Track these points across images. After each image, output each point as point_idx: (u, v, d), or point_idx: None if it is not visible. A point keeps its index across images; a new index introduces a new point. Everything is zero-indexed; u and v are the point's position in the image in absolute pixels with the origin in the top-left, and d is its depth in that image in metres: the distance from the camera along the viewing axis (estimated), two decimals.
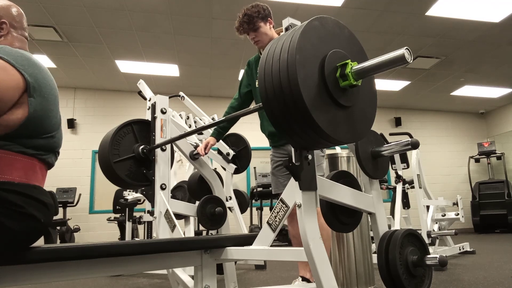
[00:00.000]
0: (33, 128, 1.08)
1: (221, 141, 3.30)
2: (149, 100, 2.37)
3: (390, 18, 4.82)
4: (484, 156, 8.02)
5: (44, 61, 5.85)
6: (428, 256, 1.20)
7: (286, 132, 1.00)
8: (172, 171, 2.33)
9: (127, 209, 4.45)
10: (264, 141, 2.65)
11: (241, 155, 3.23)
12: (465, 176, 8.17)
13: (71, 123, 6.81)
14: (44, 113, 1.12)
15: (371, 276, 2.26)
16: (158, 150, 2.05)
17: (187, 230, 2.82)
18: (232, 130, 3.71)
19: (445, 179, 8.34)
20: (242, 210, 3.59)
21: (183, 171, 4.69)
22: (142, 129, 2.09)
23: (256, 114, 1.84)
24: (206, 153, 2.23)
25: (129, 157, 1.99)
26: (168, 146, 2.09)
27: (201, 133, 3.48)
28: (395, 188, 4.26)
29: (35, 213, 0.97)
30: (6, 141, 1.04)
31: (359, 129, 1.07)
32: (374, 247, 1.87)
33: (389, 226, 2.00)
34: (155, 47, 5.56)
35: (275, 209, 1.24)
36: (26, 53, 1.16)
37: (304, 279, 2.09)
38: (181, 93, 3.63)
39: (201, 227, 5.18)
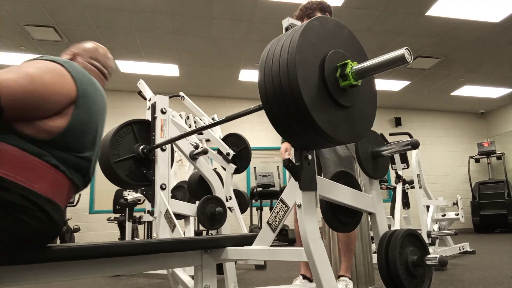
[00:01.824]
0: (69, 141, 1.06)
1: (221, 141, 3.30)
2: (149, 100, 2.37)
3: (390, 18, 4.82)
4: (484, 156, 8.02)
5: None
6: (428, 256, 1.20)
7: (286, 132, 1.00)
8: (172, 171, 2.33)
9: (127, 209, 4.45)
10: (264, 141, 2.64)
11: (241, 155, 3.22)
12: (465, 176, 8.17)
13: None
14: (83, 129, 1.11)
15: (371, 276, 2.26)
16: (158, 150, 2.05)
17: (187, 230, 2.82)
18: (232, 130, 3.72)
19: (445, 179, 8.34)
20: (242, 210, 3.59)
21: (183, 171, 4.69)
22: (142, 129, 2.09)
23: (256, 114, 1.83)
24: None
25: (129, 157, 1.99)
26: (168, 146, 2.09)
27: (201, 133, 3.48)
28: (395, 188, 4.26)
29: (38, 226, 0.95)
30: (45, 151, 1.01)
31: (359, 129, 1.07)
32: (374, 247, 1.87)
33: (389, 226, 2.00)
34: (155, 47, 5.57)
35: (275, 209, 1.24)
36: (88, 75, 1.19)
37: (305, 277, 2.10)
38: (181, 93, 3.63)
39: (201, 227, 5.18)
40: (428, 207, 3.89)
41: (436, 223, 4.07)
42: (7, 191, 0.91)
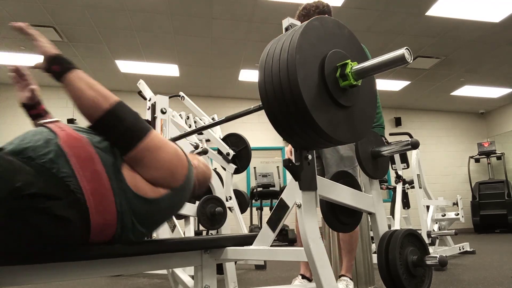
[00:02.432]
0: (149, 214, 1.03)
1: (221, 141, 3.30)
2: (149, 100, 2.37)
3: (390, 18, 4.82)
4: (484, 156, 8.02)
5: None
6: (428, 256, 1.20)
7: (286, 132, 1.00)
8: None
9: None
10: (264, 141, 2.64)
11: (241, 155, 3.23)
12: (465, 176, 8.17)
13: (71, 123, 6.81)
14: (170, 207, 1.10)
15: (371, 276, 2.26)
16: None
17: (187, 230, 2.82)
18: (232, 130, 3.72)
19: (445, 179, 8.34)
20: (242, 210, 3.59)
21: None
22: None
23: (256, 114, 1.84)
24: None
25: None
26: None
27: (201, 133, 3.48)
28: (395, 188, 4.27)
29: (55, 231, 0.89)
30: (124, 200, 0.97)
31: (359, 129, 1.07)
32: (374, 247, 1.87)
33: (389, 226, 2.00)
34: (155, 47, 5.57)
35: (275, 209, 1.24)
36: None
37: (304, 277, 2.10)
38: (181, 93, 3.63)
39: (201, 227, 5.18)
40: (428, 207, 3.89)
41: (436, 223, 4.07)
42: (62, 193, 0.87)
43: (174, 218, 1.93)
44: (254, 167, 6.59)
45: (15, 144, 0.94)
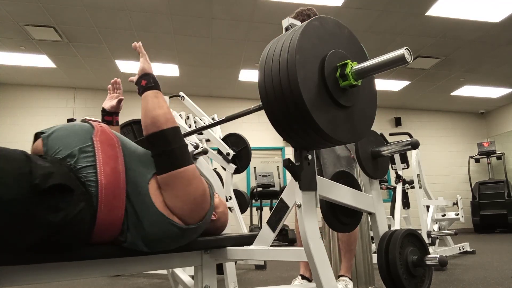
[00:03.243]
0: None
1: (221, 141, 3.30)
2: None
3: (390, 18, 4.82)
4: (484, 156, 8.02)
5: (44, 61, 5.85)
6: (428, 256, 1.20)
7: (286, 132, 1.00)
8: None
9: None
10: (264, 141, 2.64)
11: (241, 155, 3.23)
12: (465, 176, 8.17)
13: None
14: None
15: (371, 276, 2.26)
16: None
17: None
18: (232, 130, 3.72)
19: (445, 179, 8.34)
20: (242, 210, 3.59)
21: None
22: (142, 129, 2.08)
23: (256, 114, 1.84)
24: None
25: None
26: None
27: (201, 133, 3.48)
28: (395, 188, 4.27)
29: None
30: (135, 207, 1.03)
31: (359, 129, 1.07)
32: (374, 247, 1.87)
33: (389, 226, 2.00)
34: (155, 47, 5.57)
35: (275, 209, 1.24)
36: None
37: (304, 277, 2.10)
38: (181, 93, 3.63)
39: None
40: (428, 207, 3.89)
41: (436, 223, 4.07)
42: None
43: None
44: (254, 167, 6.59)
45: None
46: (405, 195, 4.33)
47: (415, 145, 1.33)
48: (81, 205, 0.91)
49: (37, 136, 1.08)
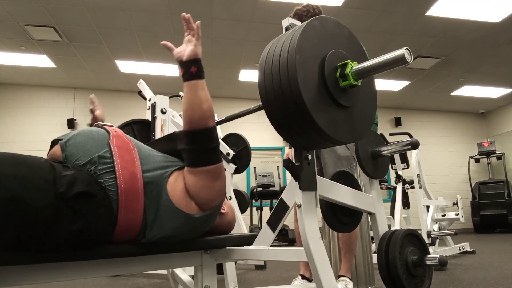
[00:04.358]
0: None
1: (221, 141, 3.29)
2: (149, 100, 2.37)
3: (390, 18, 4.82)
4: (484, 156, 8.02)
5: (44, 61, 5.85)
6: (428, 256, 1.20)
7: (286, 132, 1.00)
8: None
9: None
10: (264, 141, 2.64)
11: (241, 155, 3.22)
12: (465, 176, 8.17)
13: (71, 123, 6.81)
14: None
15: (371, 276, 2.26)
16: None
17: None
18: (232, 130, 3.72)
19: (445, 179, 8.34)
20: (242, 210, 3.59)
21: None
22: (142, 129, 2.09)
23: (256, 114, 1.84)
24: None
25: None
26: None
27: None
28: (395, 188, 4.27)
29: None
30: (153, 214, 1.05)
31: (359, 129, 1.07)
32: (374, 247, 1.87)
33: (389, 226, 2.00)
34: (155, 47, 5.57)
35: (275, 209, 1.24)
36: None
37: (304, 277, 2.10)
38: (181, 93, 3.63)
39: None
40: (428, 207, 3.89)
41: (436, 223, 4.07)
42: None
43: None
44: (254, 167, 6.59)
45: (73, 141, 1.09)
46: (405, 195, 4.32)
47: (415, 145, 1.33)
48: (102, 210, 0.95)
49: (53, 142, 1.12)
